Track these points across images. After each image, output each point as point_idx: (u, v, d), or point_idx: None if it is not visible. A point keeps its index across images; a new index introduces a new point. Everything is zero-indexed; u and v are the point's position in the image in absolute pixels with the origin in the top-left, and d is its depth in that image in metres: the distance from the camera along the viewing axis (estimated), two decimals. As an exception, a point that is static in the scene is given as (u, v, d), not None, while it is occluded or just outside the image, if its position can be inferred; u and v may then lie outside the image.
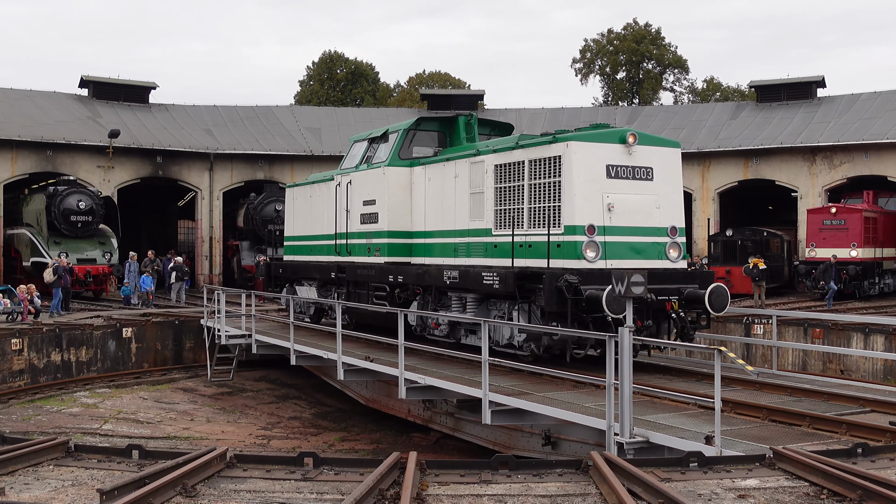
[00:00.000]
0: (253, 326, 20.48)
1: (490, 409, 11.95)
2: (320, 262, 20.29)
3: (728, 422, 10.49)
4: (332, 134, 41.88)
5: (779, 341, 16.25)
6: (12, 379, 20.26)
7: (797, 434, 9.84)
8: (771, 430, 10.09)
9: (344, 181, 19.21)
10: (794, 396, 11.98)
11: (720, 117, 41.52)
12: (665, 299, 13.67)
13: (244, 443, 17.11)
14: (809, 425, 10.06)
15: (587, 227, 13.53)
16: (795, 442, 9.17)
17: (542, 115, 43.10)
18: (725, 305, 13.87)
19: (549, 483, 7.60)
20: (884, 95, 38.38)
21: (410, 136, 17.77)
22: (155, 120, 40.09)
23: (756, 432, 9.97)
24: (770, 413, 10.57)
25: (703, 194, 38.31)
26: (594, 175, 13.65)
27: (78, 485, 7.52)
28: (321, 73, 67.56)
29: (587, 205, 13.57)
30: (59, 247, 30.13)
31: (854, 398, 11.34)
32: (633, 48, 62.42)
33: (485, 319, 12.73)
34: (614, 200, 13.70)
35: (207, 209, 38.70)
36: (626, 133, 13.93)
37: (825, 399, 11.67)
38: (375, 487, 7.13)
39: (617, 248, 13.80)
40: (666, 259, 14.24)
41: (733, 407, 11.06)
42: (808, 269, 30.96)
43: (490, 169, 15.22)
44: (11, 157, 34.34)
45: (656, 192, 14.12)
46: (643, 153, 14.02)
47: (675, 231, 14.35)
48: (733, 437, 9.64)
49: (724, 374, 13.20)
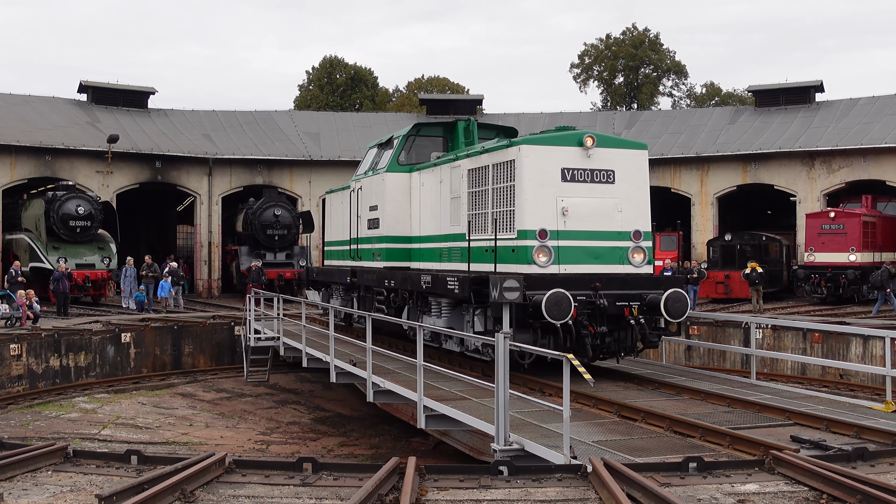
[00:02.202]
0: (280, 330, 20.64)
1: (424, 413, 11.97)
2: (341, 266, 20.68)
3: (629, 431, 10.41)
4: (331, 139, 41.91)
5: (757, 349, 15.58)
6: (11, 384, 20.24)
7: (679, 446, 9.61)
8: (653, 441, 9.89)
9: (356, 187, 19.45)
10: (732, 407, 11.71)
11: (719, 122, 41.57)
12: (624, 305, 13.39)
13: (243, 448, 17.08)
14: (701, 437, 9.94)
15: (539, 231, 13.33)
16: (663, 454, 9.03)
17: (540, 119, 43.12)
18: (684, 312, 13.48)
19: (549, 488, 7.59)
20: (882, 100, 38.43)
21: (410, 141, 17.83)
22: (154, 125, 40.11)
23: (638, 443, 9.80)
24: (672, 423, 10.47)
25: (702, 199, 38.33)
26: (548, 179, 13.42)
27: (76, 490, 7.51)
28: (320, 78, 67.66)
29: (539, 209, 13.38)
30: (58, 252, 30.14)
31: (784, 410, 10.99)
32: (631, 53, 62.54)
33: (420, 325, 12.53)
34: (569, 204, 13.44)
35: (206, 214, 38.70)
36: (584, 136, 13.61)
37: (757, 410, 11.36)
38: (374, 493, 7.12)
39: (572, 253, 13.53)
40: (629, 264, 13.88)
41: (645, 416, 10.93)
42: (807, 274, 30.98)
43: (465, 174, 15.23)
44: (10, 163, 34.35)
45: (618, 195, 13.75)
46: (603, 156, 13.69)
47: (639, 235, 13.94)
48: (610, 448, 9.41)
49: (685, 384, 13.35)
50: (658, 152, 38.66)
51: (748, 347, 15.32)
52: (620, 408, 11.47)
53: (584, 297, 13.14)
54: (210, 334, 25.13)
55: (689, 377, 14.68)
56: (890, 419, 10.84)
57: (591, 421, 11.10)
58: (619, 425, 10.83)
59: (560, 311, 12.52)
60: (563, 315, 12.56)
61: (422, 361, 11.83)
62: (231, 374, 24.39)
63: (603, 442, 9.85)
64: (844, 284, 30.00)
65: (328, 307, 18.12)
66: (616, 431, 10.42)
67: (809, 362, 19.56)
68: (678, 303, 13.39)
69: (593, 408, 11.88)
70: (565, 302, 12.61)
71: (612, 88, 64.53)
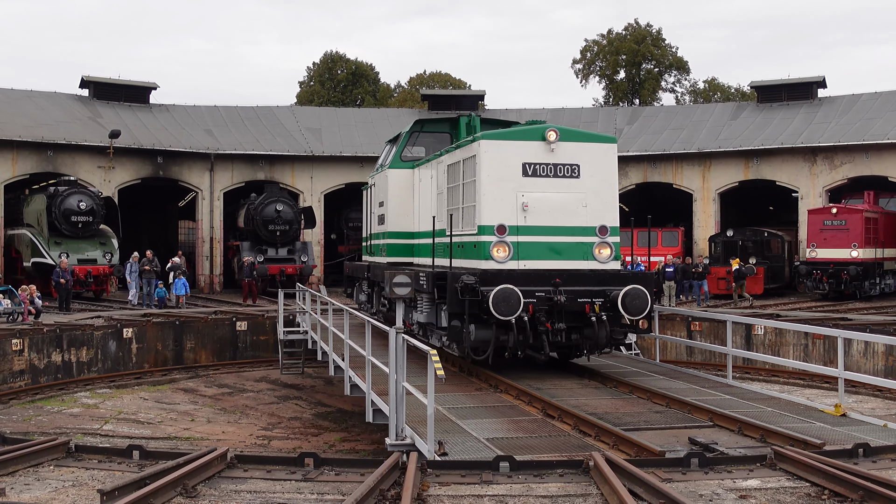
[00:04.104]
0: (308, 324, 21.19)
1: (372, 407, 12.20)
2: (362, 262, 21.00)
3: (535, 429, 10.38)
4: (332, 134, 41.89)
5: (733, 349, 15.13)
6: (13, 379, 20.26)
7: (565, 446, 9.59)
8: (546, 441, 9.88)
9: (371, 184, 19.69)
10: (669, 407, 11.63)
11: (721, 118, 41.51)
12: (586, 302, 13.17)
13: (245, 443, 17.10)
14: (595, 437, 9.94)
15: (497, 227, 13.28)
16: (547, 454, 9.07)
17: (542, 115, 43.00)
18: (643, 308, 13.13)
19: (550, 483, 7.59)
20: (885, 96, 38.37)
21: (414, 137, 17.83)
22: (155, 120, 40.11)
23: (530, 442, 9.79)
24: (578, 422, 10.49)
25: (704, 195, 38.29)
26: (508, 174, 13.32)
27: (78, 485, 7.52)
28: (322, 74, 67.61)
29: (498, 204, 13.30)
30: (60, 247, 30.15)
31: (709, 412, 10.90)
32: (633, 49, 62.44)
33: (369, 320, 12.53)
34: (530, 199, 13.32)
35: (208, 209, 38.71)
36: (546, 130, 13.46)
37: (688, 411, 11.31)
38: (376, 488, 7.13)
39: (532, 249, 13.42)
40: (593, 260, 13.64)
41: (562, 415, 10.94)
42: (809, 270, 30.97)
43: (445, 170, 15.26)
44: (12, 158, 34.35)
45: (583, 189, 13.53)
46: (568, 150, 13.51)
47: (605, 230, 13.68)
48: (496, 448, 9.36)
49: (639, 384, 13.06)
50: (660, 148, 38.65)
51: (725, 346, 15.06)
52: (546, 405, 11.48)
53: (542, 294, 12.97)
54: (212, 330, 25.15)
55: (667, 376, 14.45)
56: (836, 424, 10.60)
57: (509, 417, 11.13)
58: (532, 423, 10.82)
59: (508, 307, 12.43)
60: (510, 311, 12.46)
61: (370, 357, 11.90)
62: (233, 369, 24.43)
63: (496, 439, 9.84)
64: (846, 280, 29.99)
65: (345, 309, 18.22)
66: (521, 429, 10.41)
67: (770, 361, 19.29)
68: (637, 299, 13.05)
69: (528, 405, 11.91)
70: (513, 298, 12.49)
71: (613, 84, 64.44)
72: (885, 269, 32.65)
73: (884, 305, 28.59)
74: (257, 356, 25.57)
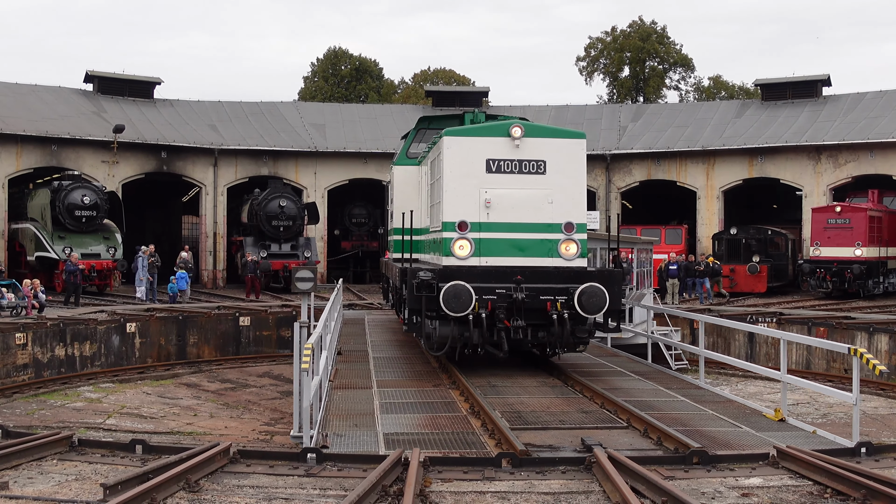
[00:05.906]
0: None
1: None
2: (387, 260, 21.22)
3: (447, 426, 10.43)
4: (336, 130, 41.90)
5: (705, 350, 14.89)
6: (16, 373, 20.29)
7: (461, 443, 9.67)
8: (447, 437, 9.94)
9: (387, 181, 19.93)
10: (604, 408, 11.57)
11: (725, 115, 41.44)
12: (548, 299, 13.02)
13: (247, 438, 17.09)
14: (491, 435, 9.95)
15: (458, 223, 13.28)
16: (443, 450, 9.18)
17: (546, 112, 43.01)
18: (601, 307, 12.91)
19: (553, 480, 7.60)
20: (889, 94, 38.27)
21: (420, 134, 17.83)
22: (160, 115, 40.13)
23: (433, 437, 9.88)
24: (487, 420, 10.49)
25: (708, 192, 38.24)
26: (471, 170, 13.30)
27: (82, 479, 7.54)
28: (326, 69, 67.56)
29: (460, 200, 13.30)
30: (64, 241, 30.19)
31: (629, 413, 10.83)
32: (638, 46, 62.31)
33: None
34: (493, 195, 13.27)
35: (212, 205, 38.74)
36: (511, 126, 13.40)
37: (615, 412, 11.25)
38: (378, 484, 7.13)
39: (495, 245, 13.36)
40: (559, 257, 13.48)
41: (481, 413, 10.92)
42: (813, 268, 30.94)
43: (429, 166, 15.36)
44: (16, 152, 34.40)
45: (549, 185, 13.40)
46: (533, 146, 13.42)
47: (571, 227, 13.48)
48: (401, 443, 9.42)
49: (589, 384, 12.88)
50: (664, 146, 38.56)
51: (697, 346, 14.94)
52: (475, 404, 11.49)
53: (503, 290, 12.90)
54: (215, 325, 25.16)
55: (643, 377, 14.33)
56: (764, 429, 10.42)
57: (433, 414, 11.18)
58: (449, 420, 10.88)
59: (459, 303, 12.44)
60: (461, 308, 12.47)
61: (324, 353, 11.91)
62: (235, 364, 24.43)
63: (394, 434, 9.96)
64: (850, 279, 29.94)
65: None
66: (431, 426, 10.50)
67: (716, 359, 19.06)
68: (594, 297, 12.87)
69: (465, 402, 11.90)
70: (465, 295, 12.49)
71: (618, 81, 64.33)
72: (889, 268, 32.60)
73: (888, 304, 28.54)
74: (260, 351, 25.57)
